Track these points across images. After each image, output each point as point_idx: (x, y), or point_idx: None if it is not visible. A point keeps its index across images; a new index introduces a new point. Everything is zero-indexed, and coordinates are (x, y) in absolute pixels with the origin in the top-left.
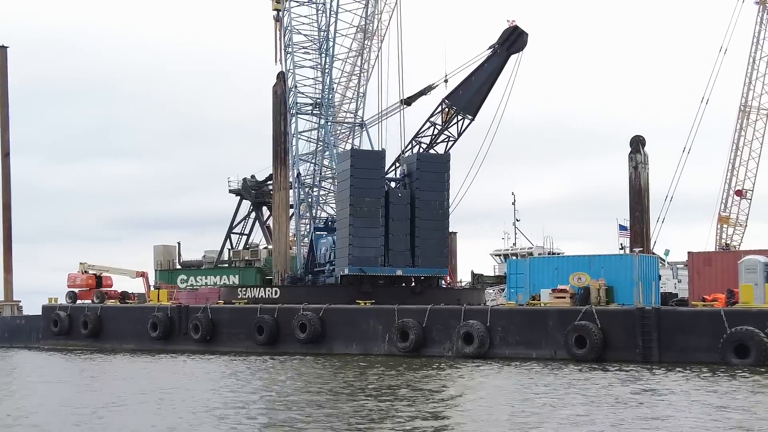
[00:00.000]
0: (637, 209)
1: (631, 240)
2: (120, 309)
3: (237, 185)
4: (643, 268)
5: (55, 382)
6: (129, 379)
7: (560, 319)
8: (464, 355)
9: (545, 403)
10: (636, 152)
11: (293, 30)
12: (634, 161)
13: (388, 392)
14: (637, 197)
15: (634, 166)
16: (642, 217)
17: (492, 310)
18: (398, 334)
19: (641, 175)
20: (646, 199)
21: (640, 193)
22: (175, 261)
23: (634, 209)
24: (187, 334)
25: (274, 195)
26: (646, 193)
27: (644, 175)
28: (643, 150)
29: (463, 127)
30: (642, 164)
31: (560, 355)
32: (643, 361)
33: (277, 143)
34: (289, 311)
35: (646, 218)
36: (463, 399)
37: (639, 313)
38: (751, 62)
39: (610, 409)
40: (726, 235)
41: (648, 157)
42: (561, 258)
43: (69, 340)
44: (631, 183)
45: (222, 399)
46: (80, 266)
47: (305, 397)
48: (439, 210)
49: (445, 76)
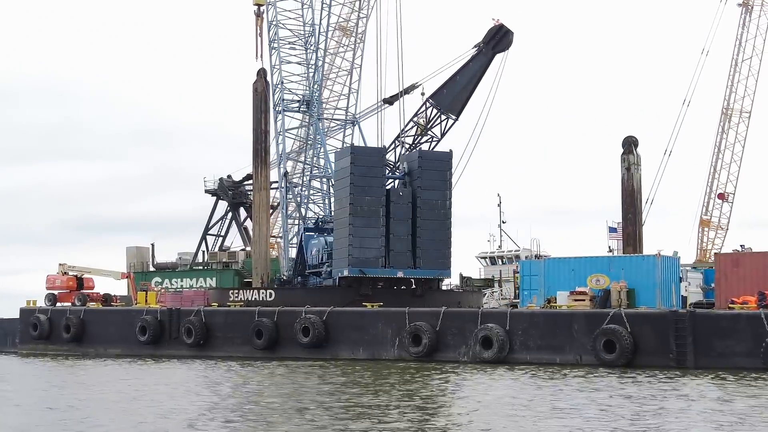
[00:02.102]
0: (630, 211)
1: (623, 242)
2: (105, 312)
3: (213, 185)
4: (665, 270)
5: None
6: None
7: (587, 322)
8: (482, 361)
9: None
10: (629, 153)
11: (279, 25)
12: (626, 162)
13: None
14: (630, 199)
15: (627, 167)
16: (635, 219)
17: (512, 313)
18: (410, 338)
19: (634, 176)
20: (639, 201)
21: (632, 194)
22: (149, 263)
23: (626, 211)
24: (178, 339)
25: (254, 195)
26: (638, 194)
27: (637, 177)
28: (636, 151)
29: (446, 127)
30: (635, 165)
31: (586, 361)
32: (677, 366)
33: (258, 142)
34: (290, 314)
35: (639, 220)
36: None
37: (672, 316)
38: (734, 65)
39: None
40: (707, 239)
41: (641, 158)
42: (578, 259)
43: (49, 344)
44: (623, 184)
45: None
46: (60, 267)
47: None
48: (441, 210)
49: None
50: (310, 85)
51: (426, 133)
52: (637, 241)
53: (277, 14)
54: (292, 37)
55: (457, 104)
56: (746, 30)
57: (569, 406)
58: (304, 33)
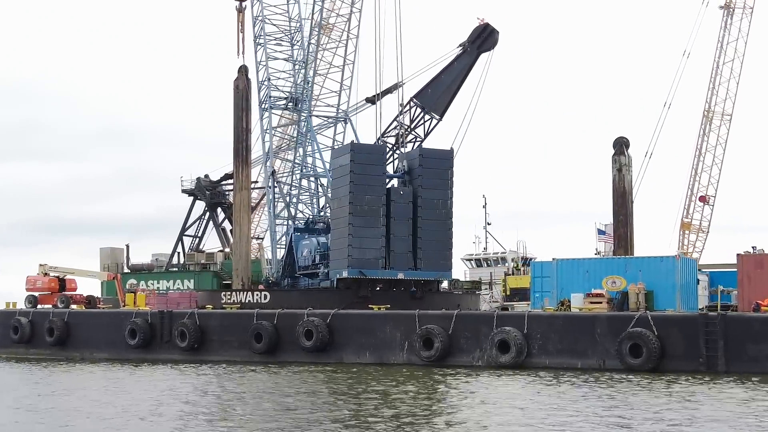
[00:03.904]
0: (621, 213)
1: (614, 245)
2: (92, 314)
3: (191, 185)
4: (684, 272)
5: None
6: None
7: (610, 325)
8: (499, 365)
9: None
10: (620, 154)
11: (265, 20)
12: (617, 163)
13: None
14: (621, 200)
15: (618, 168)
16: (626, 221)
17: (529, 316)
18: (421, 342)
19: (625, 177)
20: (631, 203)
21: (624, 195)
22: (123, 264)
23: (617, 213)
24: (170, 342)
25: (235, 195)
26: (630, 196)
27: (628, 178)
28: (627, 152)
29: (430, 127)
30: (626, 166)
31: (610, 365)
32: (707, 371)
33: (239, 140)
34: (292, 317)
35: (630, 222)
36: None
37: (702, 319)
38: (715, 67)
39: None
40: (688, 242)
41: (632, 159)
42: (593, 260)
43: (31, 348)
44: (614, 186)
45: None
46: (40, 268)
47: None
48: (442, 209)
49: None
50: (297, 82)
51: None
52: (628, 243)
53: (263, 9)
54: (278, 33)
55: (441, 104)
56: (728, 32)
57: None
58: (290, 29)
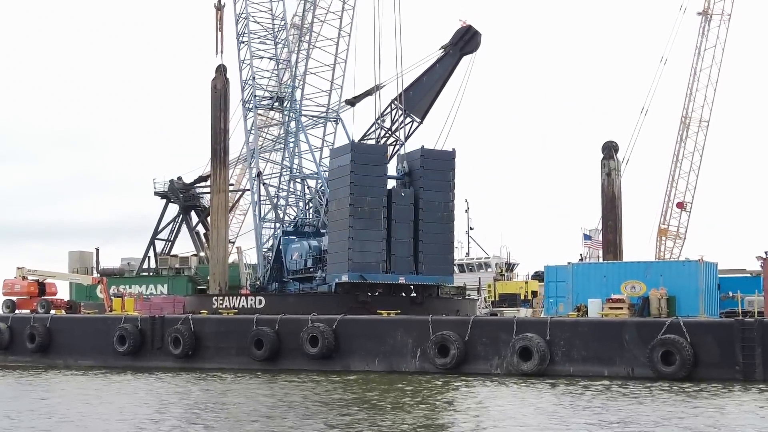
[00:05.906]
0: (610, 217)
1: (603, 250)
2: (76, 320)
3: (163, 187)
4: (705, 277)
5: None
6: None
7: (639, 332)
8: (520, 373)
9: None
10: (609, 158)
11: (249, 18)
12: (606, 168)
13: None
14: (611, 205)
15: (607, 172)
16: (615, 226)
17: (552, 322)
18: (436, 349)
19: (614, 182)
20: (620, 207)
21: (613, 200)
22: (93, 269)
23: (606, 218)
24: (162, 349)
25: (212, 198)
26: (619, 200)
27: (617, 182)
28: (616, 156)
29: (410, 130)
30: (615, 171)
31: (639, 373)
32: (744, 380)
33: (216, 141)
34: (294, 323)
35: (619, 227)
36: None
37: (738, 325)
38: (693, 74)
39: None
40: (665, 248)
41: (621, 163)
42: (611, 264)
43: (10, 355)
44: (603, 190)
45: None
46: (18, 271)
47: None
48: (444, 212)
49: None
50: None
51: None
52: (617, 248)
53: (247, 6)
54: (263, 31)
55: (423, 107)
56: (705, 39)
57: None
58: (273, 27)
